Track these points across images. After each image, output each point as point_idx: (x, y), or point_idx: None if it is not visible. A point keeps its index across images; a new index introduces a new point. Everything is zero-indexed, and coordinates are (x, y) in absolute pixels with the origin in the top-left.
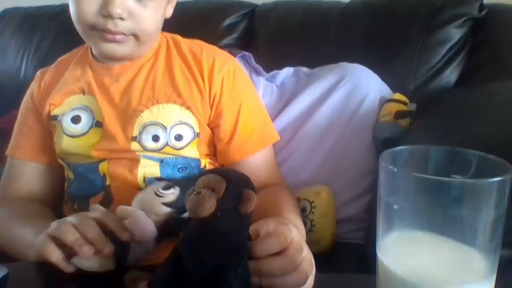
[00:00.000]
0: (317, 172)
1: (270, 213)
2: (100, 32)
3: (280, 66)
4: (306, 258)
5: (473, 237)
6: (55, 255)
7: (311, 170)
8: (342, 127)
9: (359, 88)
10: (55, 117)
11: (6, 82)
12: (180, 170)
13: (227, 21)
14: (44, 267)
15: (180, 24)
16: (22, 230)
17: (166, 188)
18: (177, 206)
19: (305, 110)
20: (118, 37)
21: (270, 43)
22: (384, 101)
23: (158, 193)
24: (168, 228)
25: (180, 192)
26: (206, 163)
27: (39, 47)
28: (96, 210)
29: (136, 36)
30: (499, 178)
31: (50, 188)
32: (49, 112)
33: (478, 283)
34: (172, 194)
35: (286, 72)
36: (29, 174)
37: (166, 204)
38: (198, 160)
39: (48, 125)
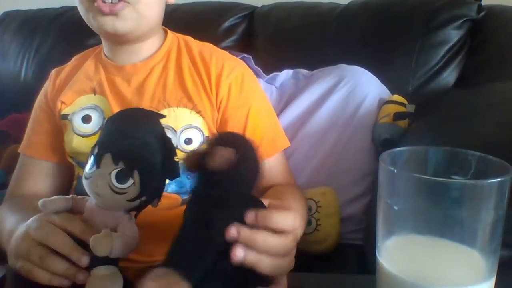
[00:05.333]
0: (317, 173)
1: None
2: (97, 5)
3: (279, 68)
4: (293, 253)
5: (472, 238)
6: (45, 279)
7: (311, 171)
8: (341, 128)
9: (358, 89)
10: (65, 116)
11: (6, 84)
12: (189, 176)
13: (227, 23)
14: None
15: (179, 26)
16: (7, 220)
17: (122, 179)
18: (143, 194)
19: (305, 111)
20: (114, 8)
21: (270, 45)
22: (383, 103)
23: (115, 189)
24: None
25: (141, 177)
26: None
27: (39, 50)
28: (57, 214)
29: (132, 4)
30: (498, 179)
31: (59, 187)
32: (60, 110)
33: (478, 284)
34: (133, 186)
35: (286, 74)
36: (38, 172)
37: (132, 200)
38: None
39: (59, 123)
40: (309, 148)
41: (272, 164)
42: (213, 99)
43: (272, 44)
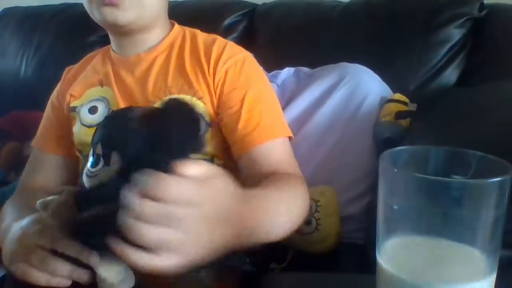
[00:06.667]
0: (318, 172)
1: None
2: None
3: (280, 66)
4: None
5: (473, 237)
6: (44, 280)
7: (312, 170)
8: (342, 127)
9: (360, 88)
10: (74, 109)
11: (6, 82)
12: None
13: (227, 21)
14: None
15: (180, 23)
16: (5, 216)
17: (95, 163)
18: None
19: (306, 110)
20: None
21: (271, 43)
22: (384, 101)
23: (88, 173)
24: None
25: (119, 159)
26: (219, 165)
27: (39, 47)
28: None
29: None
30: (499, 179)
31: (66, 181)
32: (69, 103)
33: (478, 283)
34: (102, 170)
35: (287, 72)
36: (46, 165)
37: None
38: (211, 161)
39: (68, 117)
40: (310, 147)
41: (268, 149)
42: (211, 84)
43: (273, 42)
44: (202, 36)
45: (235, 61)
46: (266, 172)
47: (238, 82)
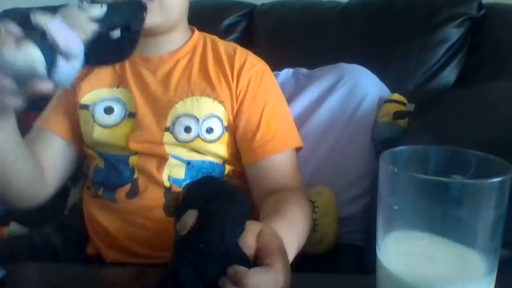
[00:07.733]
0: (317, 173)
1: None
2: None
3: (279, 66)
4: None
5: (473, 237)
6: None
7: (311, 171)
8: (341, 127)
9: (358, 88)
10: (85, 107)
11: None
12: (204, 174)
13: (227, 21)
14: (42, 268)
15: None
16: None
17: (92, 3)
18: (105, 22)
19: (304, 111)
20: None
21: (269, 43)
22: (382, 102)
23: (82, 6)
24: (96, 48)
25: (108, 8)
26: (230, 170)
27: None
28: None
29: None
30: (499, 179)
31: (64, 170)
32: (79, 96)
33: (478, 283)
34: (98, 8)
35: (285, 73)
36: (49, 144)
37: (92, 20)
38: (223, 166)
39: (76, 109)
40: (309, 148)
41: (282, 161)
42: (233, 90)
43: (272, 43)
44: (222, 43)
45: (256, 71)
46: (273, 185)
47: (258, 92)
